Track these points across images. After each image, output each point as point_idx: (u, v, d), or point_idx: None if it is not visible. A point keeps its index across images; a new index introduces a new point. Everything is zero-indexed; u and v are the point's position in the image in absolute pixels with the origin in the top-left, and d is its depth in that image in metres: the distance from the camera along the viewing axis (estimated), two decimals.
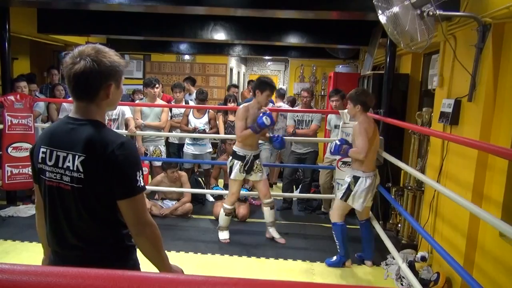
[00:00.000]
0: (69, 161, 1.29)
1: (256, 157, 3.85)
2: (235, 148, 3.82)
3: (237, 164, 3.76)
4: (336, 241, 3.45)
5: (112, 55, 1.32)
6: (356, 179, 3.29)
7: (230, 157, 3.85)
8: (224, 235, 3.93)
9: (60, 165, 1.31)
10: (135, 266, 1.47)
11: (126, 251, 1.42)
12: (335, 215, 3.45)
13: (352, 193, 3.30)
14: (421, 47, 2.78)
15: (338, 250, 3.45)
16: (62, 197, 1.33)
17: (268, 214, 3.95)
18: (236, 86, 7.11)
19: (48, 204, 1.37)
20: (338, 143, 3.43)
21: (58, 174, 1.32)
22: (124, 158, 1.28)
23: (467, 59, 2.90)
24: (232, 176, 3.79)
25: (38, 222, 1.53)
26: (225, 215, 3.91)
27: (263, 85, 3.72)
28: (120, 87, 1.38)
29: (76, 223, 1.34)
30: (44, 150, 1.35)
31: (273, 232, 3.98)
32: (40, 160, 1.36)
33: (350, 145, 3.38)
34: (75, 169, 1.28)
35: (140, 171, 1.33)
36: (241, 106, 3.86)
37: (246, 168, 3.77)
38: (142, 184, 1.33)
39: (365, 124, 3.24)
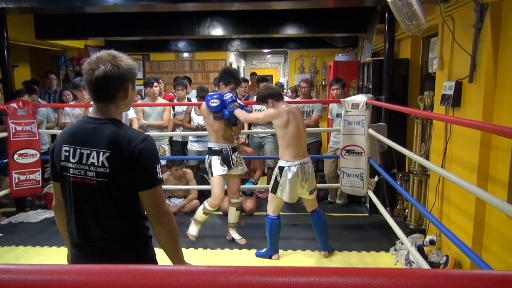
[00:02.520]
0: (93, 158, 1.39)
1: (234, 150, 3.60)
2: (209, 144, 3.57)
3: (216, 160, 3.48)
4: (266, 233, 3.39)
5: (127, 59, 1.45)
6: (280, 169, 3.21)
7: (207, 155, 3.58)
8: (193, 230, 3.62)
9: (84, 161, 1.40)
10: (153, 256, 1.56)
11: (145, 241, 1.53)
12: (269, 208, 3.36)
13: (279, 184, 3.20)
14: (417, 31, 2.77)
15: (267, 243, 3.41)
16: (86, 191, 1.42)
17: (233, 214, 3.73)
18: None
19: (73, 199, 1.45)
20: (232, 97, 3.32)
21: (82, 170, 1.41)
22: (146, 152, 1.39)
23: (466, 40, 2.88)
24: (214, 174, 3.48)
25: (58, 220, 1.61)
26: (203, 213, 3.59)
27: (227, 77, 3.39)
28: (135, 88, 1.51)
29: (100, 214, 1.43)
30: (67, 148, 1.44)
31: (233, 233, 3.77)
32: (63, 158, 1.45)
33: (244, 108, 3.35)
34: (100, 164, 1.38)
35: (159, 165, 1.45)
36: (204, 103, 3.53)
37: (225, 163, 3.51)
38: (161, 176, 1.45)
39: (274, 112, 3.17)
